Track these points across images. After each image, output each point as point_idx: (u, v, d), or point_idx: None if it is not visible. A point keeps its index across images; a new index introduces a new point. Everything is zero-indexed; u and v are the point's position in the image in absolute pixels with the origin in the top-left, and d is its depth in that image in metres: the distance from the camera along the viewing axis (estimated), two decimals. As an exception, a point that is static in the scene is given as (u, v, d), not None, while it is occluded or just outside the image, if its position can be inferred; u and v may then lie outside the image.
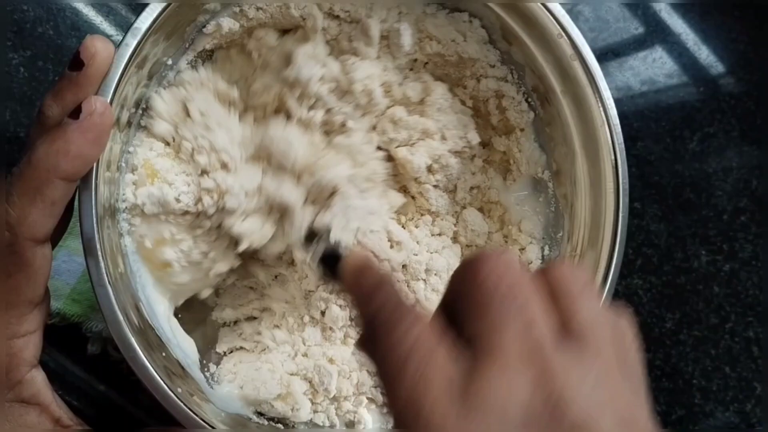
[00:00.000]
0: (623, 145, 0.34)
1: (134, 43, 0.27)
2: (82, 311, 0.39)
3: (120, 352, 0.28)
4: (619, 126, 0.34)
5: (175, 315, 0.35)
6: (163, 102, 0.32)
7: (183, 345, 0.34)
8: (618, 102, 0.34)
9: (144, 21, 0.27)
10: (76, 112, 0.26)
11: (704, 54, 0.51)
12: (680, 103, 0.50)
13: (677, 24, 0.51)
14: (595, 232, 0.35)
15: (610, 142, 0.33)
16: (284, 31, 0.35)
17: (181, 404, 0.28)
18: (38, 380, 0.29)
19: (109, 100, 0.27)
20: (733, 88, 0.51)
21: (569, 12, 0.33)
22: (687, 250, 0.49)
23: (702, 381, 0.48)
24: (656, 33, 0.51)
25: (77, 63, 0.27)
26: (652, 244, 0.48)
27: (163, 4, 0.27)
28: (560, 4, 0.33)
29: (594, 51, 0.33)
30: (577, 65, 0.33)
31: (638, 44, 0.51)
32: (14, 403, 0.28)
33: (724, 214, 0.49)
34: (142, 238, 0.32)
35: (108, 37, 0.34)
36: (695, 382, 0.48)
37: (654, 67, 0.50)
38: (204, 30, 0.32)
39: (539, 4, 0.32)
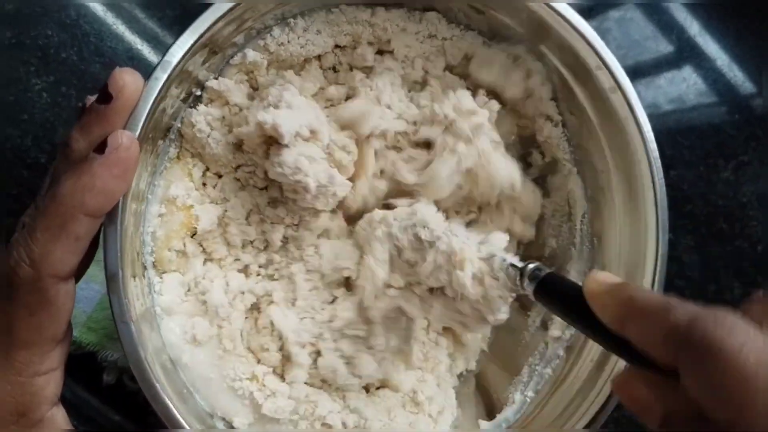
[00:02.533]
0: (663, 180, 0.33)
1: (164, 77, 0.26)
2: (98, 340, 0.38)
3: (136, 382, 0.28)
4: (659, 160, 0.33)
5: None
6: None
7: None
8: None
9: (174, 55, 0.27)
10: (101, 147, 0.25)
11: (739, 79, 0.50)
12: (714, 129, 0.49)
13: (711, 48, 0.50)
14: (632, 269, 0.34)
15: (650, 177, 0.32)
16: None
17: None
18: (58, 418, 0.28)
19: (137, 135, 0.26)
20: (768, 114, 0.49)
21: (596, 29, 0.32)
22: (720, 282, 0.47)
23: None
24: (691, 57, 0.49)
25: (105, 96, 0.26)
26: (684, 276, 0.47)
27: (194, 38, 0.27)
28: (589, 20, 0.32)
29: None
30: (616, 98, 0.32)
31: (668, 65, 0.49)
32: None
33: (758, 245, 0.48)
34: None
35: (132, 64, 0.33)
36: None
37: (686, 89, 0.49)
38: (231, 61, 0.32)
39: (577, 35, 0.31)
